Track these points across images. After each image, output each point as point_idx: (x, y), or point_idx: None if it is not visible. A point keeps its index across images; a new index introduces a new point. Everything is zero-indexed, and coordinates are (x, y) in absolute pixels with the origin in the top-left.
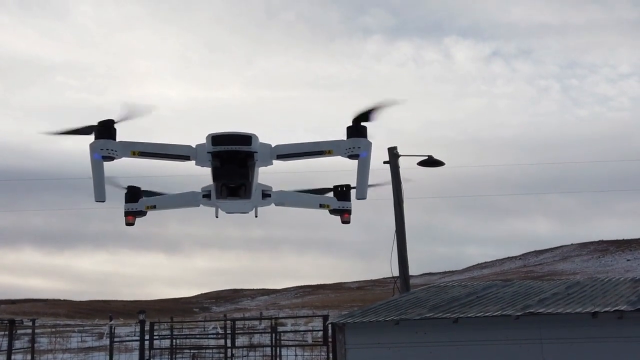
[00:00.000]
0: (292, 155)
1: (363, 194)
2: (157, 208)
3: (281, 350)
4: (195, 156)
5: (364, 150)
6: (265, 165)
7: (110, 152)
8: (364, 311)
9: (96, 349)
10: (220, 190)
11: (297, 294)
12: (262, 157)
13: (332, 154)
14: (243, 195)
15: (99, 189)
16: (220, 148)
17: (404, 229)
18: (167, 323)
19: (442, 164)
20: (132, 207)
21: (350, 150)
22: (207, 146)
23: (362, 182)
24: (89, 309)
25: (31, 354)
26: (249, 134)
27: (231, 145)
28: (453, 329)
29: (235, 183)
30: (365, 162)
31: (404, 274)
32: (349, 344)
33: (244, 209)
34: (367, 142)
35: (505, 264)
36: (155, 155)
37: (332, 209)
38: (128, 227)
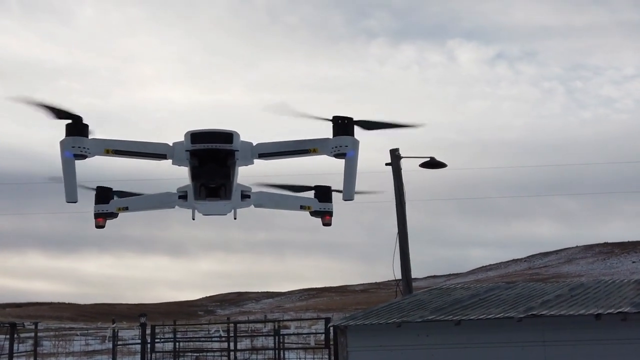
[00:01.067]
0: (275, 154)
1: (350, 195)
2: (129, 209)
3: (284, 353)
4: (172, 155)
5: (351, 149)
6: (246, 164)
7: (83, 150)
8: (366, 314)
9: (99, 352)
10: (199, 190)
11: (302, 297)
12: (242, 155)
13: (317, 153)
14: (223, 196)
15: (70, 189)
16: (199, 146)
17: (406, 231)
18: (170, 326)
19: (444, 165)
20: (102, 208)
21: (337, 149)
22: (185, 144)
23: (349, 182)
24: (94, 312)
25: (34, 357)
26: (230, 131)
27: (211, 143)
28: (455, 331)
29: (216, 183)
30: (352, 161)
31: (407, 276)
32: (350, 347)
33: (222, 210)
34: (354, 141)
35: (510, 266)
36: (130, 154)
37: (313, 210)
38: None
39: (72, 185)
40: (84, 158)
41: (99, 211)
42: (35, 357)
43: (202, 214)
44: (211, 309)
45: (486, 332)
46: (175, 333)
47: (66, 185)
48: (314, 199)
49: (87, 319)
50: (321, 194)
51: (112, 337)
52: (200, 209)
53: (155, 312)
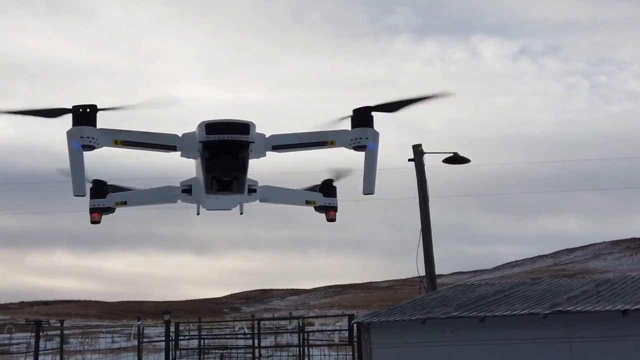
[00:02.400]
0: (289, 146)
1: (371, 188)
2: (128, 204)
3: (309, 350)
4: (182, 146)
5: (372, 141)
6: (258, 157)
7: (91, 141)
8: (389, 310)
9: (125, 349)
10: (211, 184)
11: (327, 294)
12: (256, 147)
13: (334, 145)
14: (236, 190)
15: (78, 182)
16: (214, 137)
17: (429, 228)
18: (195, 323)
19: (467, 161)
20: (99, 203)
21: (356, 141)
22: (199, 135)
23: (370, 175)
24: (120, 310)
25: (60, 354)
26: (247, 121)
27: (227, 134)
28: (480, 327)
29: (230, 176)
30: (372, 153)
31: (431, 272)
32: (374, 344)
33: (228, 205)
34: (374, 132)
35: (536, 262)
36: (139, 145)
37: (317, 205)
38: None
39: (81, 178)
40: (92, 149)
41: (94, 206)
42: (61, 355)
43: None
44: (236, 306)
45: (511, 329)
46: (200, 330)
47: (74, 177)
48: (319, 193)
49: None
50: (326, 189)
51: (138, 334)
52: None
53: (181, 310)
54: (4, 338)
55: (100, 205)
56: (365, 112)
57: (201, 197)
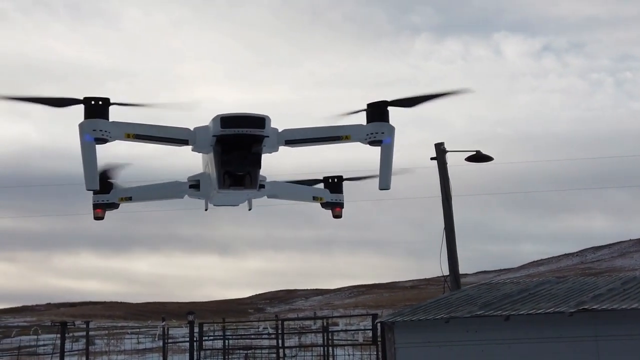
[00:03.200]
0: (303, 141)
1: (387, 183)
2: (133, 200)
3: (334, 350)
4: (194, 140)
5: (388, 136)
6: (271, 151)
7: (104, 134)
8: (413, 310)
9: (151, 350)
10: (224, 178)
11: (351, 294)
12: (269, 142)
13: (349, 140)
14: (249, 185)
15: (90, 176)
16: (229, 131)
17: (453, 226)
18: (219, 324)
19: (490, 159)
20: (102, 198)
21: (372, 136)
22: (213, 129)
23: (386, 170)
24: (145, 311)
25: (86, 355)
26: (263, 115)
27: (243, 128)
28: (505, 326)
29: (244, 171)
30: (389, 148)
31: (454, 271)
32: (398, 343)
33: (237, 201)
34: (390, 127)
35: (561, 261)
36: (151, 139)
37: (324, 202)
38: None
39: (93, 172)
40: (104, 142)
41: (98, 201)
42: (87, 356)
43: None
44: (261, 306)
45: (536, 327)
46: (225, 331)
47: (86, 171)
48: (325, 190)
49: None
50: (332, 185)
51: (162, 335)
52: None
53: (206, 310)
54: (31, 339)
55: (104, 201)
56: (382, 107)
57: (210, 193)
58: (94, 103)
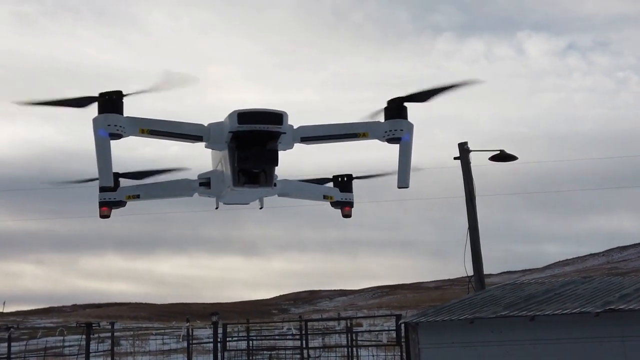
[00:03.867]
0: (319, 138)
1: (406, 182)
2: (141, 198)
3: (358, 351)
4: (208, 137)
5: (407, 133)
6: (285, 149)
7: (118, 129)
8: (437, 310)
9: (175, 351)
10: (238, 176)
11: (375, 295)
12: (285, 139)
13: (366, 137)
14: (264, 183)
15: (105, 173)
16: (246, 127)
17: (477, 226)
18: (243, 324)
19: (514, 158)
20: (109, 196)
21: (391, 133)
22: (229, 124)
23: (405, 168)
24: (171, 312)
25: (111, 356)
26: (280, 111)
27: (260, 124)
28: (530, 327)
29: (261, 168)
30: (407, 146)
31: (479, 272)
32: (422, 344)
33: (249, 199)
34: (409, 124)
35: (587, 261)
36: (165, 135)
37: (334, 201)
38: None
39: (108, 168)
40: (119, 137)
41: (104, 199)
42: (112, 356)
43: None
44: (285, 307)
45: (562, 328)
46: (249, 331)
47: (100, 167)
48: (335, 188)
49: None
50: (342, 184)
51: (187, 336)
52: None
53: (230, 311)
54: (57, 340)
55: (110, 199)
56: (399, 103)
57: (221, 191)
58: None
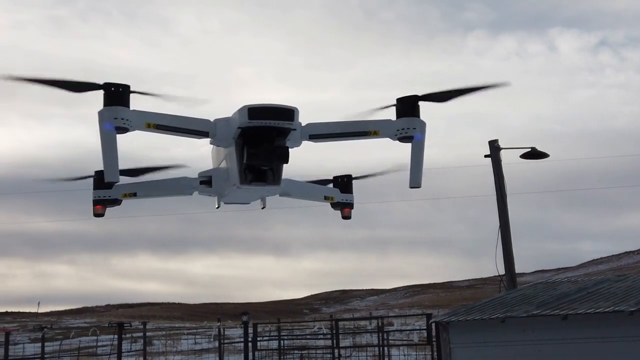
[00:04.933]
0: (328, 135)
1: (418, 181)
2: (138, 196)
3: (389, 350)
4: (214, 133)
5: (419, 132)
6: (293, 146)
7: (125, 123)
8: (468, 309)
9: (207, 350)
10: (245, 173)
11: (407, 294)
12: (294, 136)
13: (377, 136)
14: (271, 181)
15: (111, 167)
16: (257, 123)
17: (508, 225)
18: (274, 324)
19: (546, 155)
20: (104, 194)
21: (403, 132)
22: (239, 120)
23: (417, 168)
24: (203, 312)
25: (143, 356)
26: (292, 107)
27: (271, 120)
28: (562, 326)
29: (270, 165)
30: (420, 145)
31: (510, 270)
32: (453, 343)
33: (251, 198)
34: (421, 123)
35: (622, 259)
36: (171, 129)
37: (334, 202)
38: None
39: (114, 163)
40: (125, 131)
41: (98, 197)
42: (144, 356)
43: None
44: (316, 307)
45: (595, 327)
46: (280, 331)
47: (106, 162)
48: (335, 189)
49: (196, 318)
50: (342, 185)
51: (218, 335)
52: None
53: (262, 311)
54: (91, 340)
55: (105, 197)
56: (412, 102)
57: (224, 189)
58: (115, 89)
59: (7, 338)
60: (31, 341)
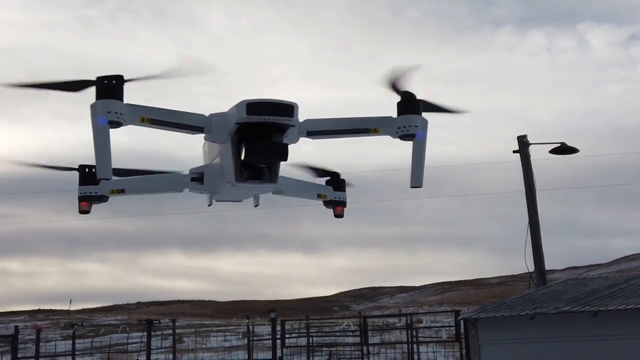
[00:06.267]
0: (327, 132)
1: (419, 181)
2: (126, 193)
3: (418, 347)
4: (210, 128)
5: (421, 130)
6: (290, 143)
7: (118, 117)
8: (497, 306)
9: (237, 348)
10: (241, 170)
11: (436, 291)
12: (292, 132)
13: (378, 133)
14: (268, 179)
15: (104, 163)
16: (255, 118)
17: (537, 221)
18: (302, 321)
19: (575, 150)
20: (89, 190)
21: (404, 130)
22: (237, 115)
23: (419, 167)
24: (232, 309)
25: (173, 352)
26: (291, 102)
27: (270, 116)
28: (593, 322)
29: (269, 163)
30: (421, 143)
31: (540, 267)
32: (482, 340)
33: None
34: (423, 120)
35: None
36: (166, 124)
37: (327, 200)
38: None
39: (107, 159)
40: (118, 126)
41: (84, 194)
42: (174, 353)
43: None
44: (346, 304)
45: (626, 323)
46: (309, 328)
47: (99, 158)
48: (328, 187)
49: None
50: (335, 183)
51: (247, 332)
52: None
53: (291, 309)
54: (122, 337)
55: (91, 193)
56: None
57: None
58: (107, 82)
59: (38, 335)
60: (63, 338)
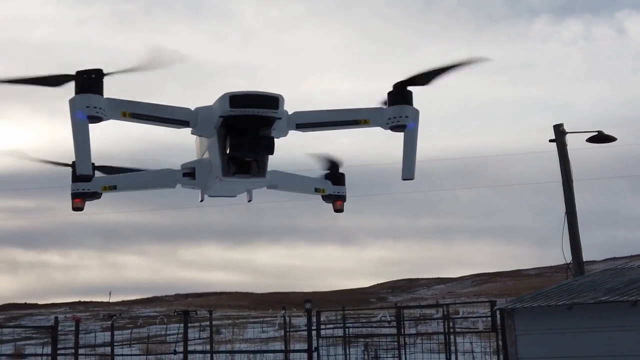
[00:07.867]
0: (316, 125)
1: (411, 173)
2: (118, 189)
3: (455, 338)
4: (195, 122)
5: (412, 120)
6: (279, 136)
7: (98, 111)
8: (533, 296)
9: (274, 339)
10: (228, 165)
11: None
12: (279, 125)
13: (368, 125)
14: (256, 173)
15: (83, 160)
16: (239, 111)
17: (574, 211)
18: (338, 312)
19: (613, 139)
20: (82, 187)
21: (395, 120)
22: (220, 108)
23: (410, 158)
24: (269, 301)
25: (210, 343)
26: (276, 94)
27: (255, 109)
28: (631, 312)
29: (254, 157)
30: (412, 134)
31: (578, 258)
32: (519, 330)
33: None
34: (414, 111)
35: None
36: (148, 118)
37: (325, 194)
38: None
39: (86, 155)
40: (98, 121)
41: (77, 190)
42: (211, 344)
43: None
44: (383, 296)
45: None
46: (345, 319)
47: (78, 154)
48: (327, 181)
49: (263, 307)
50: (334, 176)
51: (284, 324)
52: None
53: (328, 300)
54: (161, 328)
55: (84, 190)
56: (402, 88)
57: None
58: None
59: (77, 326)
60: (102, 330)
